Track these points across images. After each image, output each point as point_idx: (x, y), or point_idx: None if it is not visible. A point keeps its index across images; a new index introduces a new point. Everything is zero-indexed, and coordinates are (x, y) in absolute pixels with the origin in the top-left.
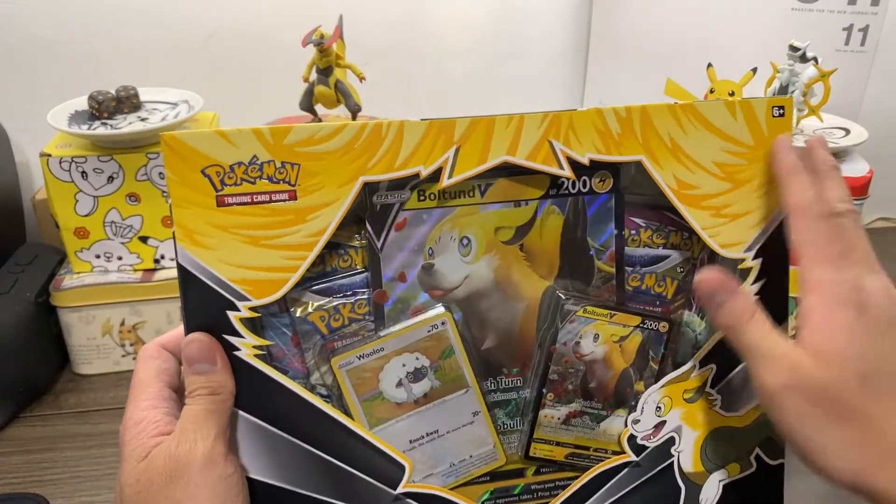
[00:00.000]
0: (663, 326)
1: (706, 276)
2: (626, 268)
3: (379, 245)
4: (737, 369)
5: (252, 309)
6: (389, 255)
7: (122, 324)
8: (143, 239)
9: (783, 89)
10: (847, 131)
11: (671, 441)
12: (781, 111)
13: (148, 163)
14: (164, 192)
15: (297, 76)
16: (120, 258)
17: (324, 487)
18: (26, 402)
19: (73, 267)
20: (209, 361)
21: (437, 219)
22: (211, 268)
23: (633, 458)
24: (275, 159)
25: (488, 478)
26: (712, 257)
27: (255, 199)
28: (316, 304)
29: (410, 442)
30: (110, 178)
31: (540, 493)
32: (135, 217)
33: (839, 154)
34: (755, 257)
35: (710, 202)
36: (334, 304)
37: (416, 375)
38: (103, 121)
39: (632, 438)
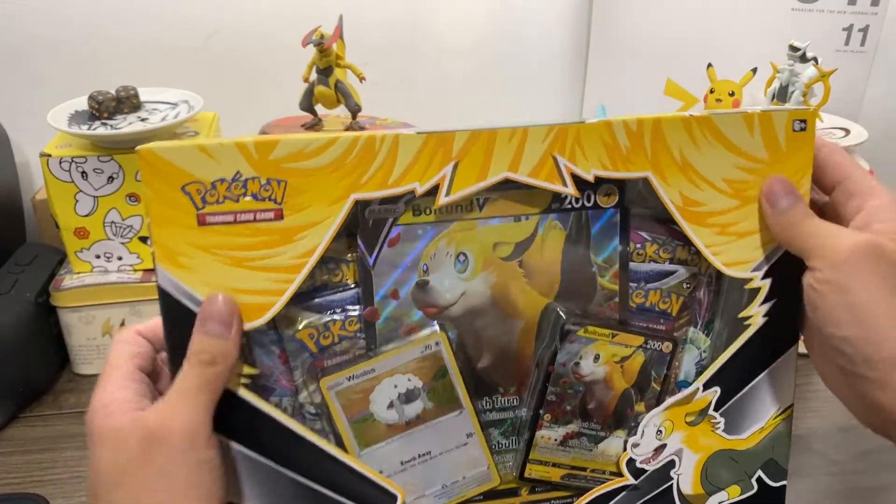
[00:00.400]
0: (667, 347)
1: (776, 179)
2: (631, 283)
3: (371, 261)
4: (743, 391)
5: None
6: (382, 272)
7: (122, 324)
8: (143, 239)
9: (783, 89)
10: (847, 131)
11: (671, 464)
12: (804, 125)
13: None
14: None
15: (297, 76)
16: (120, 258)
17: None
18: (26, 402)
19: (73, 267)
20: (225, 326)
21: (432, 234)
22: (193, 290)
23: (632, 481)
24: (260, 176)
25: (482, 497)
26: (720, 274)
27: (238, 219)
28: (305, 321)
29: (402, 464)
30: (110, 179)
31: None
32: (135, 217)
33: None
34: (764, 277)
35: (716, 220)
36: (324, 321)
37: (409, 397)
38: (103, 121)
39: (631, 462)
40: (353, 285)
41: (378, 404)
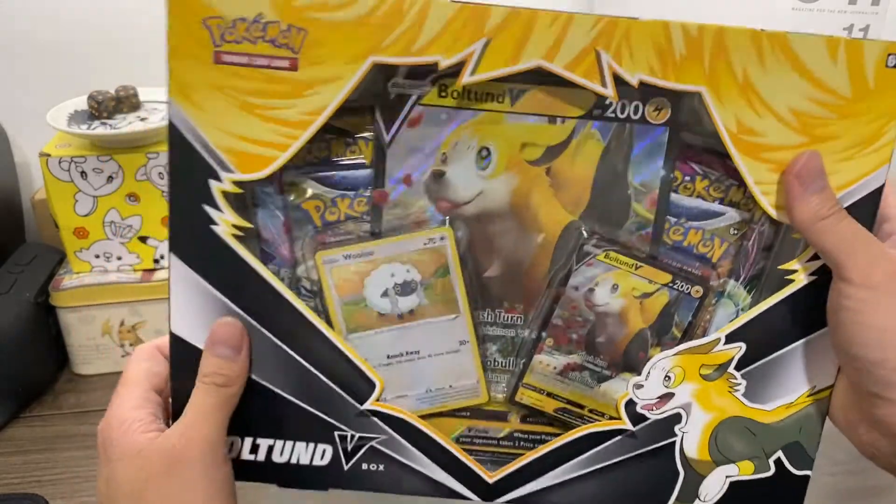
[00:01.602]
0: (696, 291)
1: (807, 155)
2: (669, 217)
3: (387, 139)
4: (773, 355)
5: (236, 184)
6: (397, 153)
7: (122, 324)
8: (143, 239)
9: None
10: None
11: (676, 418)
12: None
13: (147, 163)
14: (163, 192)
15: None
16: (119, 258)
17: (289, 386)
18: (26, 402)
19: (73, 267)
20: (234, 349)
21: (457, 121)
22: (200, 129)
23: (629, 426)
24: (280, 20)
25: (468, 413)
26: (777, 226)
27: (252, 62)
28: (312, 191)
29: (388, 357)
30: (110, 178)
31: (522, 443)
32: (134, 217)
33: None
34: None
35: (773, 155)
36: (332, 196)
37: (405, 289)
38: (103, 121)
39: (631, 404)
40: (368, 165)
41: (372, 290)
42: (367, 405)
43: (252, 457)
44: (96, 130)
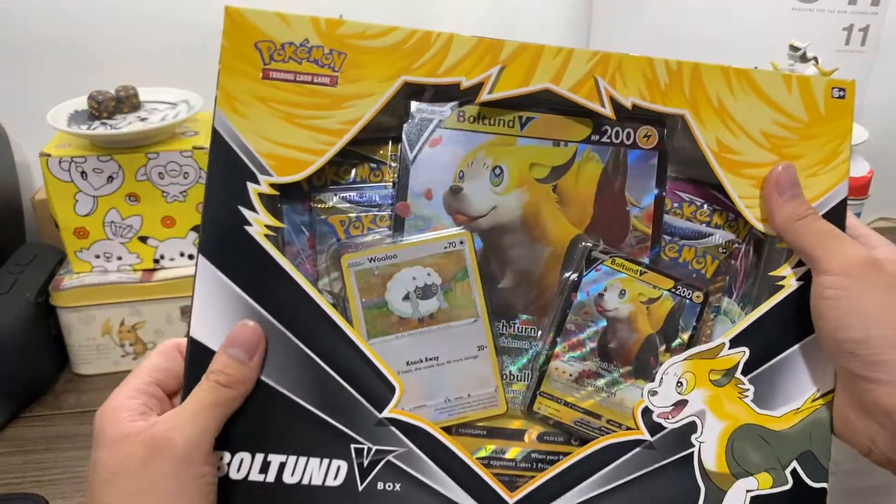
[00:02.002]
0: (697, 297)
1: (782, 167)
2: (665, 236)
3: (411, 157)
4: (776, 358)
5: (273, 186)
6: (419, 171)
7: (122, 324)
8: (143, 239)
9: None
10: None
11: (692, 427)
12: (842, 93)
13: (147, 163)
14: (163, 191)
15: None
16: (119, 258)
17: (307, 393)
18: (26, 402)
19: (73, 267)
20: (247, 352)
21: (473, 143)
22: (243, 136)
23: (647, 436)
24: (324, 45)
25: (485, 433)
26: (759, 245)
27: (297, 78)
28: (339, 207)
29: (407, 364)
30: (110, 178)
31: (539, 465)
32: (134, 217)
33: None
34: None
35: (752, 171)
36: (356, 212)
37: (426, 292)
38: (103, 121)
39: (647, 413)
40: (390, 185)
41: (394, 293)
42: (387, 412)
43: (262, 477)
44: (96, 130)
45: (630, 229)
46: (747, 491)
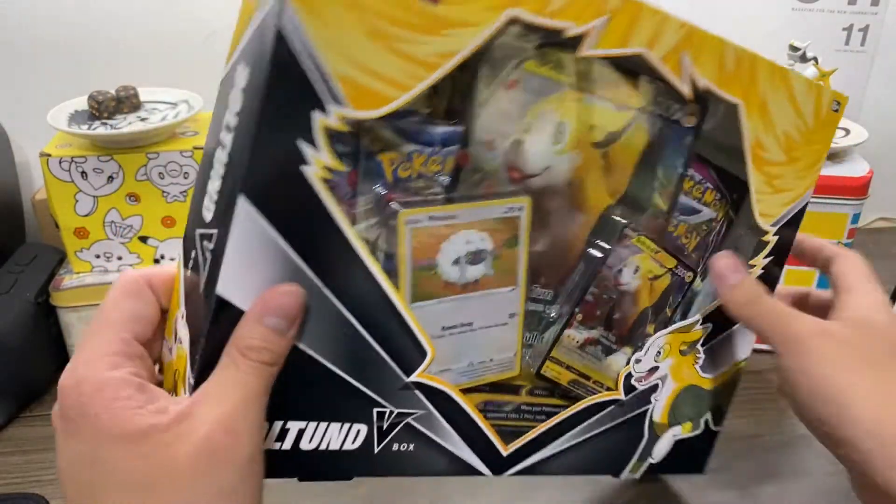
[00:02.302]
0: (688, 276)
1: (723, 255)
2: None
3: (482, 99)
4: (724, 333)
5: (345, 121)
6: (486, 117)
7: None
8: (143, 239)
9: None
10: (847, 131)
11: (655, 388)
12: (837, 107)
13: (148, 163)
14: (163, 191)
15: None
16: (120, 258)
17: (337, 356)
18: (26, 402)
19: (73, 267)
20: (290, 321)
21: (546, 92)
22: (316, 47)
23: (622, 397)
24: None
25: (488, 387)
26: (729, 225)
27: None
28: (391, 141)
29: (442, 329)
30: (110, 178)
31: (526, 416)
32: (135, 217)
33: (839, 154)
34: (774, 234)
35: (768, 169)
36: (409, 150)
37: (476, 257)
38: (103, 121)
39: (628, 377)
40: (450, 124)
41: (446, 255)
42: (414, 377)
43: (277, 445)
44: (97, 130)
45: (650, 205)
46: (674, 436)
